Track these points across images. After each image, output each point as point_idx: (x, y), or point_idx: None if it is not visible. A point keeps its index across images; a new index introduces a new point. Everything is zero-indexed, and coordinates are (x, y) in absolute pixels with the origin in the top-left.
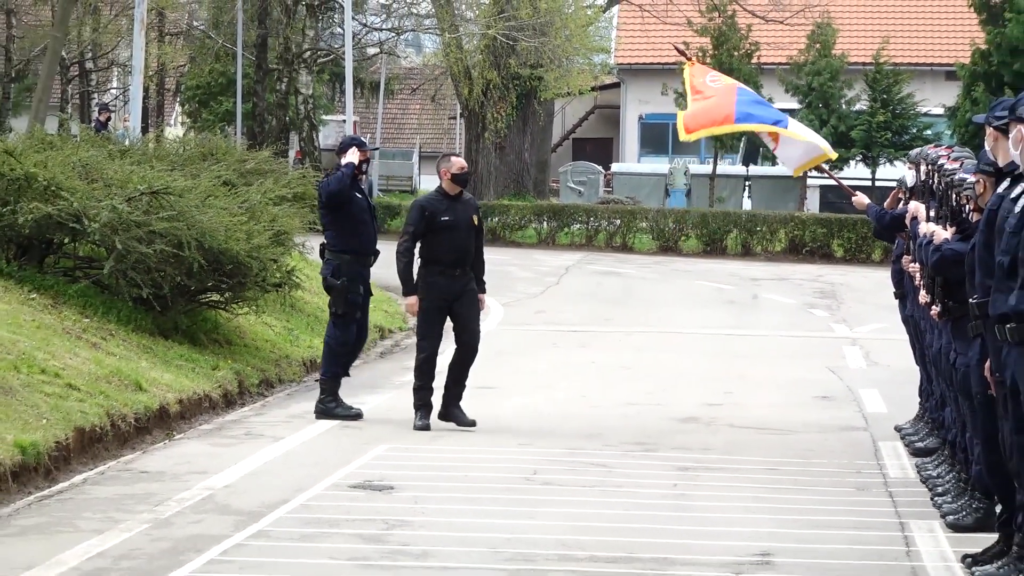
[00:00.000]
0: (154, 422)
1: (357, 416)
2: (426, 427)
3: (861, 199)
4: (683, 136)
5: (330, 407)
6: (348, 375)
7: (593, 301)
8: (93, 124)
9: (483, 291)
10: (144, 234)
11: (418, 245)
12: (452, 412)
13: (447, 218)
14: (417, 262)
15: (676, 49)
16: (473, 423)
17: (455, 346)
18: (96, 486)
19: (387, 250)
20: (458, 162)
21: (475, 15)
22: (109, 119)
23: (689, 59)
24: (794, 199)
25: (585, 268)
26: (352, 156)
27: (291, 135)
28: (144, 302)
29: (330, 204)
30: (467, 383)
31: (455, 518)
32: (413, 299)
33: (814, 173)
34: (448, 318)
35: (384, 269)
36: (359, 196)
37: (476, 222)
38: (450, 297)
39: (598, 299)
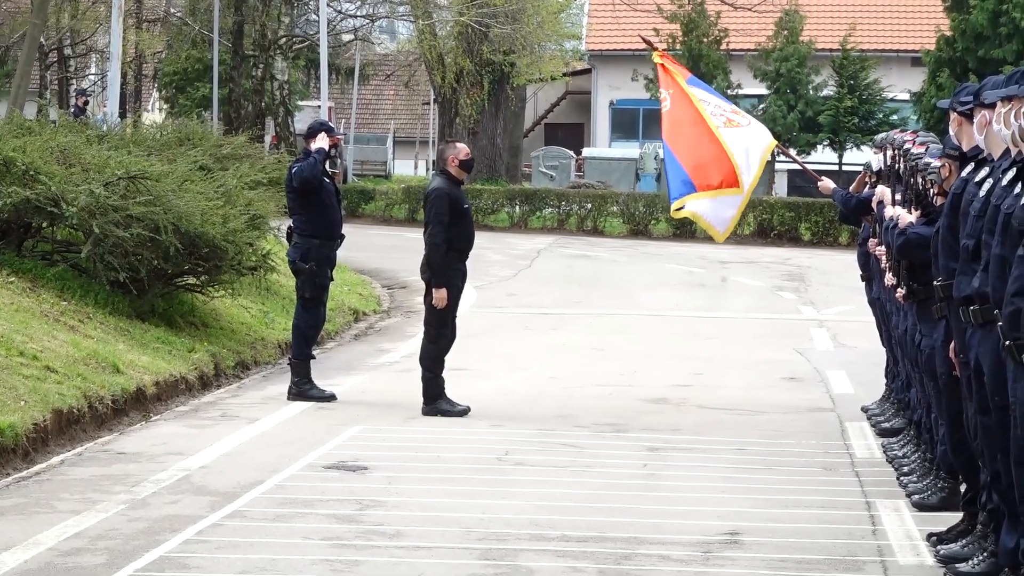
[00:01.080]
0: (131, 404)
1: (331, 398)
2: (466, 408)
3: (827, 183)
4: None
5: (305, 389)
6: (314, 357)
7: (565, 284)
8: (71, 110)
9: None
10: (121, 218)
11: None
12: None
13: (467, 205)
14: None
15: (642, 39)
16: (467, 410)
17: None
18: (74, 467)
19: (356, 235)
20: (464, 148)
21: (448, 2)
22: (87, 104)
23: (655, 48)
24: (762, 184)
25: (557, 251)
26: (322, 142)
27: (267, 120)
28: (121, 285)
29: (301, 189)
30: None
31: (428, 498)
32: (445, 290)
33: (781, 158)
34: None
35: (357, 253)
36: (327, 181)
37: None
38: (461, 287)
39: (569, 282)
